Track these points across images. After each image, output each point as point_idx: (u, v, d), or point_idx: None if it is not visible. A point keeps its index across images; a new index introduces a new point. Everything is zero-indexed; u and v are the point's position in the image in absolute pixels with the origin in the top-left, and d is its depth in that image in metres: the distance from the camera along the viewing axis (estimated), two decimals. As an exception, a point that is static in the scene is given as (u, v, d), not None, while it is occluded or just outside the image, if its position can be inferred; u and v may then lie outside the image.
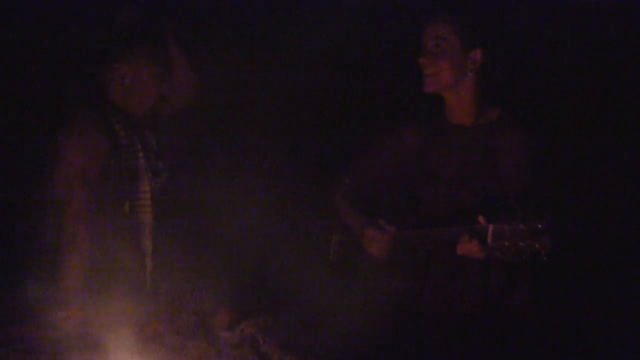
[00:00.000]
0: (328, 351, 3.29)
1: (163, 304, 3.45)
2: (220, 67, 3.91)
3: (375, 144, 3.54)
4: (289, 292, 3.50)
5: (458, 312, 3.30)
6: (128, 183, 3.40)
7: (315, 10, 3.94)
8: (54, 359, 3.11)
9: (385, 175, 3.50)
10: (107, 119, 3.40)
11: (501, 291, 3.28)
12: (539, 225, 3.03)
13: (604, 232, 3.54)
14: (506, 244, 3.09)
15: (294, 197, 3.90)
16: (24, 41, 3.81)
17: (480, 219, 3.13)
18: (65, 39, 3.66)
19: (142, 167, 3.43)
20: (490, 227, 3.11)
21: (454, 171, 3.35)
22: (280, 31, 4.01)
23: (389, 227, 3.36)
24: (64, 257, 3.29)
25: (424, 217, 3.37)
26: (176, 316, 3.42)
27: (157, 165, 3.47)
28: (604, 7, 3.79)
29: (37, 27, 3.80)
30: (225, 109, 4.06)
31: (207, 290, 3.49)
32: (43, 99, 3.67)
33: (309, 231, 3.69)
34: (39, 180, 3.40)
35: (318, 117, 4.08)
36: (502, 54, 3.36)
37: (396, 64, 3.74)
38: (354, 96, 4.10)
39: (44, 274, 3.33)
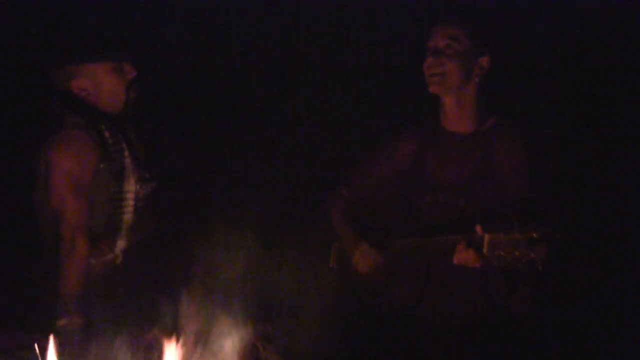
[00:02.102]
0: (327, 358, 3.31)
1: (162, 312, 3.45)
2: (216, 70, 3.92)
3: (371, 154, 3.55)
4: (288, 298, 3.51)
5: (456, 319, 3.31)
6: (115, 182, 3.39)
7: (311, 15, 3.94)
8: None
9: (383, 185, 3.51)
10: (92, 121, 3.38)
11: (500, 299, 3.29)
12: (535, 235, 3.05)
13: (602, 239, 3.54)
14: (502, 253, 3.10)
15: (293, 204, 3.92)
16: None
17: (478, 228, 3.14)
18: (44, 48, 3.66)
19: (128, 166, 3.42)
20: (486, 236, 3.13)
21: (451, 179, 3.37)
22: (279, 36, 4.01)
23: (377, 252, 3.37)
24: (63, 265, 3.27)
25: (421, 226, 3.39)
26: (175, 324, 3.42)
27: (143, 174, 3.47)
28: (601, 17, 3.80)
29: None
30: (222, 115, 4.07)
31: (204, 298, 3.49)
32: (29, 106, 3.68)
33: (309, 238, 3.70)
34: (35, 189, 3.39)
35: (316, 124, 4.09)
36: (505, 63, 3.37)
37: (393, 71, 3.74)
38: (350, 105, 4.10)
39: (44, 281, 3.33)
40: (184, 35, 3.94)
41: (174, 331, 3.37)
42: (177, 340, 3.19)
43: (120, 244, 3.43)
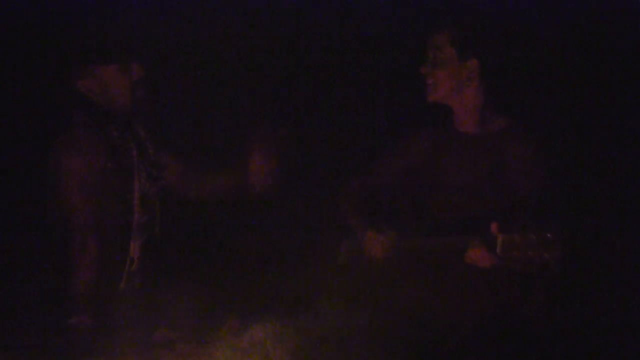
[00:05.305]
0: (337, 358, 3.30)
1: (171, 310, 3.45)
2: (227, 65, 3.91)
3: (384, 151, 3.55)
4: (298, 297, 3.51)
5: (467, 320, 3.30)
6: (124, 182, 3.38)
7: (326, 15, 3.94)
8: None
9: (394, 183, 3.51)
10: (100, 120, 3.38)
11: (511, 300, 3.29)
12: (549, 235, 3.04)
13: (615, 240, 3.54)
14: (516, 253, 3.09)
15: (303, 202, 3.91)
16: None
17: (493, 227, 3.13)
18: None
19: (137, 165, 3.41)
20: (500, 236, 3.12)
21: (462, 180, 3.37)
22: (291, 35, 4.01)
23: (390, 231, 3.37)
24: (74, 265, 3.27)
25: (432, 226, 3.38)
26: (185, 322, 3.42)
27: (153, 172, 3.46)
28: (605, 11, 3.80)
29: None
30: (233, 111, 4.06)
31: (216, 296, 3.49)
32: (38, 106, 3.68)
33: (318, 236, 3.69)
34: (44, 190, 3.39)
35: (329, 121, 4.09)
36: (505, 63, 3.37)
37: (407, 70, 3.74)
38: (364, 103, 4.10)
39: (55, 280, 3.33)
40: (191, 32, 3.93)
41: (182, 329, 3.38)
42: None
43: (134, 246, 3.41)
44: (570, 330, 3.31)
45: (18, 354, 3.11)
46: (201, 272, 3.52)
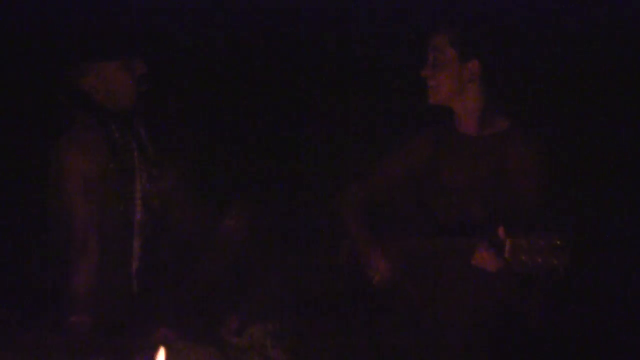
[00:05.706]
0: (337, 357, 3.29)
1: (171, 309, 3.44)
2: (226, 68, 3.90)
3: (387, 154, 3.53)
4: (297, 297, 3.49)
5: (467, 321, 3.29)
6: (124, 182, 3.38)
7: (326, 16, 3.94)
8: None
9: (397, 185, 3.50)
10: (102, 120, 3.37)
11: (512, 303, 3.28)
12: (558, 242, 3.04)
13: (621, 245, 3.55)
14: (524, 258, 3.09)
15: (303, 202, 3.91)
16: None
17: (500, 231, 3.12)
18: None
19: (138, 165, 3.41)
20: (508, 241, 3.09)
21: (465, 181, 3.35)
22: (292, 35, 4.01)
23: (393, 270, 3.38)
24: (74, 263, 3.29)
25: (436, 228, 3.36)
26: (185, 321, 3.40)
27: (152, 172, 3.44)
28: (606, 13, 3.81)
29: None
30: (232, 114, 4.06)
31: (216, 295, 3.48)
32: (40, 106, 3.66)
33: (319, 236, 3.68)
34: (45, 189, 3.39)
35: (329, 124, 4.09)
36: (507, 64, 3.35)
37: (408, 72, 3.74)
38: (365, 106, 4.10)
39: (56, 280, 3.34)
40: (195, 29, 3.91)
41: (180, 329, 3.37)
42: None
43: (136, 245, 3.40)
44: (578, 335, 3.32)
45: (18, 354, 3.10)
46: (201, 272, 3.50)
